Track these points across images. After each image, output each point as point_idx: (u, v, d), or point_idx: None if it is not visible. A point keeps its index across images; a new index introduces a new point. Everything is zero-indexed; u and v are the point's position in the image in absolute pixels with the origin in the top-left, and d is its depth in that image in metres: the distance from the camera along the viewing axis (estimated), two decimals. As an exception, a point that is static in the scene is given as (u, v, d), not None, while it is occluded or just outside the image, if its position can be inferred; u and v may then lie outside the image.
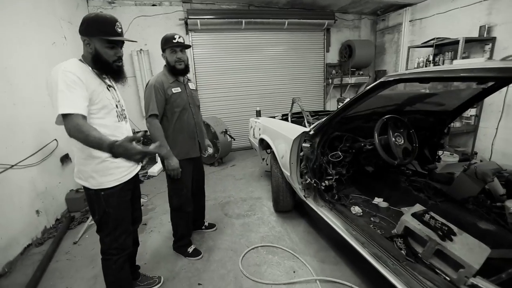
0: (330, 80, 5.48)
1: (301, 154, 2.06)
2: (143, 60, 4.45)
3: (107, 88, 1.30)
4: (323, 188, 2.09)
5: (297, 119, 3.34)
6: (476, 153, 3.92)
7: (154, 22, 4.46)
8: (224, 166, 4.39)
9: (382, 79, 1.42)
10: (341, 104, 4.27)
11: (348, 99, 1.64)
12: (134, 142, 1.02)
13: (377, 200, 2.12)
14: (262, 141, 2.96)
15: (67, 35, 3.31)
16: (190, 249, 2.11)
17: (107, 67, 1.27)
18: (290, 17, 4.84)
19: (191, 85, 2.05)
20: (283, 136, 2.24)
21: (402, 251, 1.50)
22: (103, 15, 1.23)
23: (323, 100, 5.80)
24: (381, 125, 1.77)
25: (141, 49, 4.41)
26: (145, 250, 2.24)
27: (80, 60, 1.24)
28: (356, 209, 1.97)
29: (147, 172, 4.04)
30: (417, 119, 2.33)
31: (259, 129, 2.94)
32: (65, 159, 3.03)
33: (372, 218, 1.86)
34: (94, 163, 1.25)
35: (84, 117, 1.10)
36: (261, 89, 5.28)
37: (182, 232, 2.11)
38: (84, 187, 1.31)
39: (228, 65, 4.98)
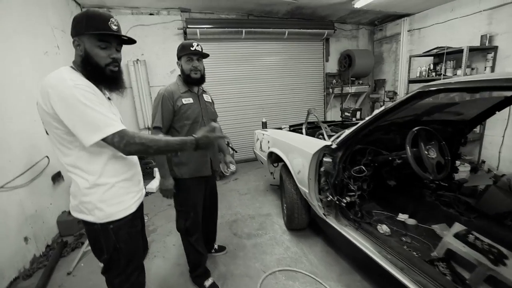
0: (330, 90, 5.43)
1: (322, 169, 1.91)
2: (140, 71, 4.27)
3: (108, 99, 1.11)
4: (344, 205, 1.94)
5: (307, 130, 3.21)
6: (484, 162, 3.88)
7: (151, 32, 4.32)
8: (226, 180, 4.19)
9: (420, 89, 1.30)
10: (347, 114, 4.21)
11: (378, 110, 1.52)
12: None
13: (402, 217, 1.98)
14: (270, 155, 2.81)
15: (60, 44, 3.12)
16: (207, 283, 1.88)
17: (98, 72, 1.02)
18: (290, 26, 4.80)
19: (207, 97, 1.87)
20: (300, 150, 2.09)
21: (447, 277, 1.35)
22: (95, 10, 1.05)
23: (324, 109, 5.73)
24: (412, 137, 1.65)
25: (137, 59, 4.23)
26: (149, 279, 2.00)
27: (71, 67, 1.02)
28: (383, 228, 1.81)
29: (145, 189, 3.79)
30: (435, 130, 2.24)
31: (268, 141, 2.79)
32: (57, 177, 2.78)
33: (403, 238, 1.71)
34: (101, 191, 1.05)
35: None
36: (262, 99, 5.17)
37: (193, 259, 1.89)
38: (86, 222, 1.08)
39: (228, 75, 4.87)
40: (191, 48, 1.65)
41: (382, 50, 5.74)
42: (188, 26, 4.22)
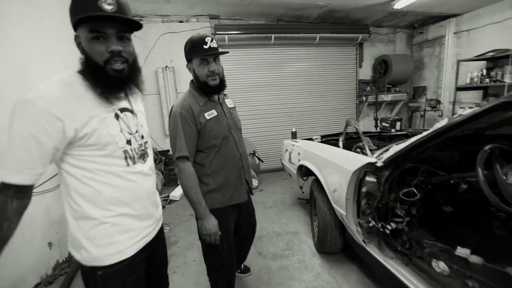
0: (363, 98, 5.07)
1: (363, 190, 1.65)
2: (168, 77, 4.29)
3: (116, 116, 0.84)
4: (389, 232, 1.65)
5: (336, 141, 2.95)
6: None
7: (180, 39, 4.34)
8: (251, 190, 4.01)
9: (505, 99, 1.02)
10: (385, 124, 3.85)
11: (440, 124, 1.25)
12: None
13: (462, 252, 1.63)
14: (300, 168, 2.58)
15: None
16: None
17: (100, 74, 0.78)
18: (321, 31, 4.57)
19: (229, 102, 1.54)
20: (337, 165, 1.85)
21: None
22: None
23: (355, 118, 5.36)
24: (485, 157, 1.34)
25: (166, 66, 4.27)
26: (167, 300, 1.87)
27: (80, 72, 0.81)
28: (440, 266, 1.49)
29: (168, 196, 3.74)
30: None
31: (298, 153, 2.56)
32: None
33: (469, 282, 1.39)
34: (88, 226, 0.82)
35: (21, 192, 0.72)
36: (290, 107, 4.95)
37: None
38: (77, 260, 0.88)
39: (256, 81, 4.74)
40: (205, 47, 1.25)
41: (422, 54, 5.28)
42: (217, 32, 4.18)
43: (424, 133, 1.31)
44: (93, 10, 0.71)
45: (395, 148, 1.47)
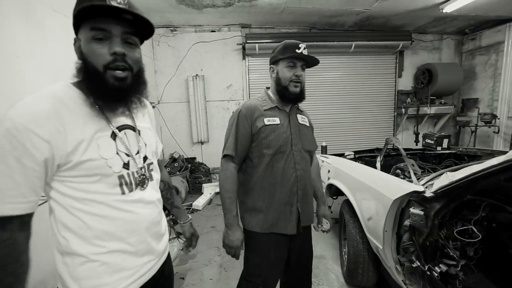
0: (403, 110, 4.64)
1: (406, 223, 1.39)
2: (198, 85, 4.33)
3: (112, 135, 0.73)
4: (438, 276, 1.37)
5: (371, 158, 2.66)
6: None
7: (211, 48, 4.38)
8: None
9: None
10: (429, 141, 3.45)
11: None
12: None
13: (537, 310, 1.30)
14: (330, 186, 2.35)
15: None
16: None
17: (96, 82, 0.67)
18: (357, 39, 4.31)
19: (303, 119, 1.36)
20: (373, 190, 1.61)
21: None
22: None
23: (393, 133, 4.94)
24: None
25: (197, 74, 4.31)
26: (179, 323, 1.75)
27: (75, 84, 0.71)
28: (508, 329, 1.18)
29: (191, 205, 3.70)
30: None
31: (328, 171, 2.34)
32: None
33: None
34: (74, 264, 0.69)
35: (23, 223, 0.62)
36: (321, 119, 4.71)
37: None
38: None
39: (285, 91, 4.59)
40: (297, 51, 1.17)
41: (474, 63, 4.72)
42: (247, 41, 4.14)
43: (501, 160, 1.03)
44: (98, 5, 0.62)
45: (451, 176, 1.21)
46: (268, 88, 1.36)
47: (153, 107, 4.14)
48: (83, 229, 0.68)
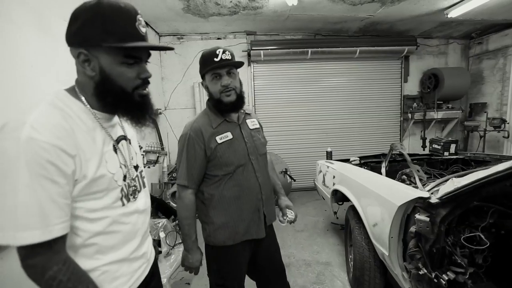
0: (409, 115, 4.61)
1: (412, 229, 1.38)
2: (203, 92, 4.34)
3: (114, 147, 0.75)
4: (445, 284, 1.34)
5: (376, 164, 2.65)
6: None
7: (217, 55, 4.44)
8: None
9: None
10: (436, 146, 3.41)
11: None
12: None
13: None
14: (335, 192, 2.34)
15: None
16: None
17: (124, 101, 0.70)
18: (362, 44, 4.32)
19: (253, 123, 1.35)
20: (379, 197, 1.60)
21: None
22: (106, 2, 0.64)
23: (399, 138, 4.89)
24: None
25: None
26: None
27: (69, 91, 0.70)
28: None
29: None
30: None
31: (334, 177, 2.34)
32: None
33: None
34: None
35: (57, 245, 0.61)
36: (326, 124, 4.71)
37: None
38: None
39: (290, 97, 4.61)
40: (215, 59, 1.12)
41: (481, 67, 4.68)
42: (253, 48, 4.19)
43: (507, 166, 1.03)
44: (135, 36, 0.66)
45: (456, 182, 1.21)
46: (208, 101, 1.31)
47: (160, 113, 4.22)
48: (85, 247, 0.68)
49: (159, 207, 3.34)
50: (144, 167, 2.43)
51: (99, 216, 0.69)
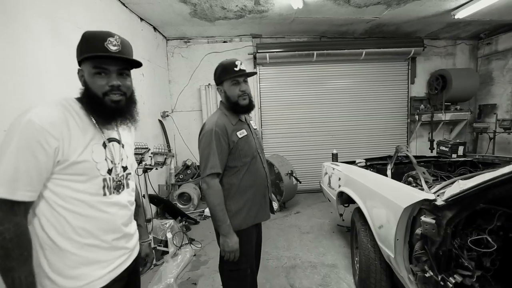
0: (416, 117, 4.57)
1: (418, 231, 1.38)
2: (210, 94, 4.45)
3: (104, 144, 0.89)
4: (452, 287, 1.34)
5: (382, 166, 2.64)
6: None
7: (223, 58, 4.43)
8: (287, 212, 3.81)
9: None
10: (443, 148, 3.37)
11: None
12: None
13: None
14: (341, 194, 2.34)
15: (144, 72, 3.46)
16: None
17: (96, 104, 0.85)
18: (368, 46, 4.31)
19: (253, 124, 1.60)
20: (384, 198, 1.60)
21: None
22: (92, 31, 0.86)
23: (406, 140, 4.85)
24: None
25: (209, 84, 4.44)
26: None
27: (77, 99, 0.88)
28: None
29: (203, 212, 3.76)
30: None
31: (339, 178, 2.34)
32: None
33: None
34: (53, 256, 0.80)
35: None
36: (332, 126, 4.71)
37: None
38: None
39: (296, 99, 4.63)
40: (235, 69, 1.35)
41: (490, 68, 4.61)
42: (258, 51, 4.23)
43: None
44: (100, 50, 0.81)
45: (462, 184, 1.20)
46: (222, 103, 1.49)
47: (167, 115, 4.28)
48: (64, 226, 0.80)
49: (166, 208, 3.40)
50: (152, 169, 2.49)
51: (79, 198, 0.81)
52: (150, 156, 2.49)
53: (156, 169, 2.59)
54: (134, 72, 0.93)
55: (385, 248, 1.61)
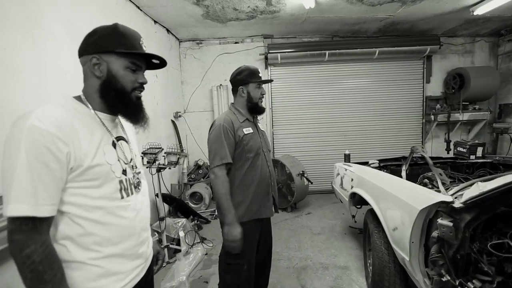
0: (432, 117, 4.44)
1: (434, 234, 1.35)
2: (221, 95, 4.49)
3: (113, 143, 0.85)
4: (471, 292, 1.29)
5: (396, 167, 2.58)
6: None
7: (235, 58, 4.53)
8: (298, 213, 3.79)
9: None
10: (461, 149, 3.27)
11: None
12: None
13: None
14: (353, 195, 2.31)
15: (158, 74, 3.53)
16: None
17: (123, 98, 0.82)
18: (381, 45, 4.23)
19: (261, 126, 1.77)
20: (399, 200, 1.57)
21: None
22: (124, 26, 0.84)
23: (421, 140, 4.71)
24: None
25: (220, 84, 4.47)
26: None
27: (76, 98, 0.82)
28: None
29: (214, 211, 3.79)
30: None
31: (352, 179, 2.31)
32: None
33: None
34: (71, 270, 0.73)
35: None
36: (344, 126, 4.64)
37: None
38: None
39: (308, 99, 4.60)
40: (260, 75, 1.58)
41: (511, 66, 4.42)
42: (270, 51, 4.23)
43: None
44: (138, 48, 0.83)
45: (482, 186, 1.17)
46: (232, 104, 1.63)
47: (179, 116, 4.35)
48: (83, 236, 0.74)
49: (179, 207, 3.45)
50: (165, 168, 2.54)
51: (97, 205, 0.75)
52: (163, 156, 2.54)
53: (169, 168, 2.64)
54: (147, 73, 0.95)
55: (400, 250, 1.57)
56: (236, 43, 4.55)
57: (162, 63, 0.92)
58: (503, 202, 1.15)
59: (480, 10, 3.24)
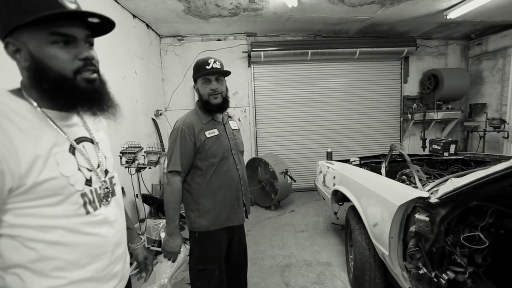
0: (409, 116, 4.62)
1: (412, 229, 1.39)
2: (205, 93, 4.40)
3: (71, 148, 0.66)
4: (445, 283, 1.35)
5: (376, 164, 2.66)
6: None
7: (217, 56, 4.36)
8: (281, 211, 3.82)
9: None
10: (436, 147, 3.42)
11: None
12: None
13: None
14: (336, 193, 2.35)
15: (137, 70, 3.40)
16: None
17: (66, 88, 0.61)
18: (362, 46, 4.34)
19: (233, 124, 1.55)
20: (378, 196, 1.61)
21: None
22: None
23: (399, 138, 4.90)
24: None
25: (203, 82, 4.39)
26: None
27: (13, 92, 0.63)
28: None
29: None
30: None
31: (334, 177, 2.35)
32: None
33: None
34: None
35: None
36: (326, 125, 4.72)
37: None
38: None
39: (291, 98, 4.63)
40: (207, 67, 1.33)
41: (480, 68, 4.69)
42: (253, 49, 4.21)
43: (505, 166, 1.04)
44: (57, 6, 0.56)
45: (456, 182, 1.22)
46: (198, 101, 1.48)
47: (160, 114, 4.23)
48: (39, 262, 0.60)
49: (160, 208, 3.35)
50: (145, 168, 2.45)
51: (55, 224, 0.61)
52: (143, 155, 2.45)
53: (150, 168, 2.56)
54: (126, 70, 0.81)
55: (380, 245, 1.62)
56: (219, 40, 4.49)
57: (109, 25, 0.66)
58: (475, 197, 1.21)
59: (452, 14, 3.40)
